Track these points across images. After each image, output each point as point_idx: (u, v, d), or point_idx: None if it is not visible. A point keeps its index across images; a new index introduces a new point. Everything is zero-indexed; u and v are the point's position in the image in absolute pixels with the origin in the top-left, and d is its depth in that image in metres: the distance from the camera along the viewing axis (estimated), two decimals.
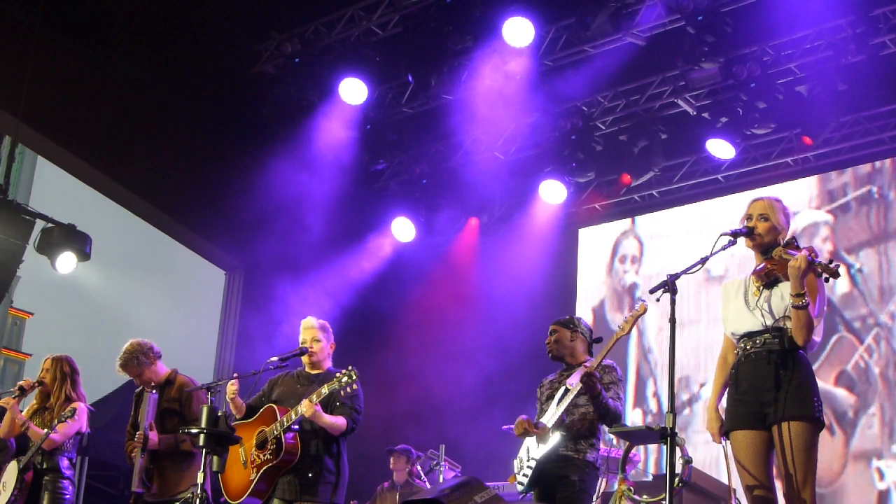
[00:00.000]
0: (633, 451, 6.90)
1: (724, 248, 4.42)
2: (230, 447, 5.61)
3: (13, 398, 6.54)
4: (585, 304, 11.23)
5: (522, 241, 10.96)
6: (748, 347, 4.40)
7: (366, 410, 5.94)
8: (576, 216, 11.30)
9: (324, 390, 5.58)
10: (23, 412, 6.62)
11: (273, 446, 5.68)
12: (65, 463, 6.56)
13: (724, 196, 10.38)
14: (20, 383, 6.67)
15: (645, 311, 5.43)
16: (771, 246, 4.46)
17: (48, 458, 6.51)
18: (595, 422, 5.57)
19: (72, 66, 9.62)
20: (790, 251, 4.34)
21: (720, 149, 9.61)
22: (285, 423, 5.65)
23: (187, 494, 5.99)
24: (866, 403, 9.21)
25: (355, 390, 5.74)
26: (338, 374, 5.58)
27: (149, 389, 6.23)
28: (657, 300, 4.42)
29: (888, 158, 9.68)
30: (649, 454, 10.18)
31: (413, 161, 10.86)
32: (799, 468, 4.17)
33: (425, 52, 9.23)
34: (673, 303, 4.34)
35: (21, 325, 42.35)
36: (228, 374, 8.84)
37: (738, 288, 4.53)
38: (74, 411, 6.47)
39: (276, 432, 5.67)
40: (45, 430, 6.40)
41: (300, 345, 5.97)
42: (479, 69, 9.36)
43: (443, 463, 8.88)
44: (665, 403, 10.19)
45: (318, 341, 5.95)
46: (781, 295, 4.35)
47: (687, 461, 6.23)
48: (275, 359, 5.86)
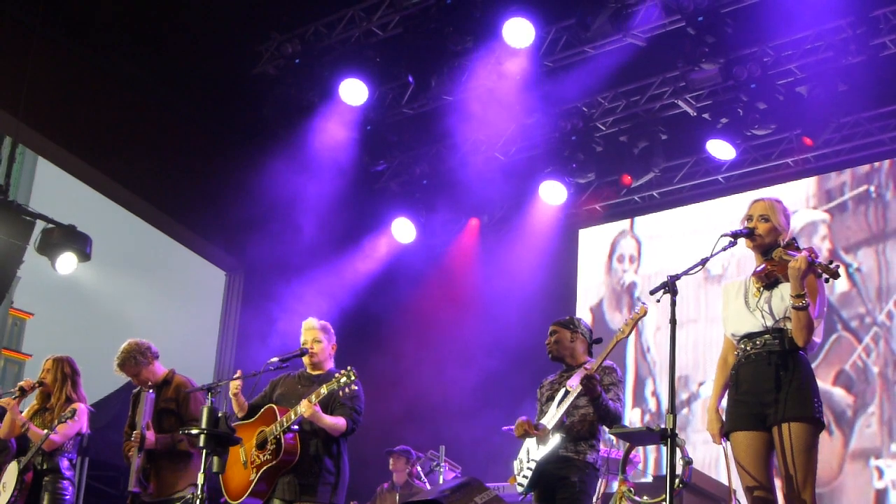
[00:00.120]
0: (632, 452, 6.89)
1: (724, 248, 4.41)
2: (230, 448, 5.61)
3: (13, 399, 6.53)
4: (585, 304, 11.23)
5: (522, 241, 10.96)
6: (748, 348, 4.40)
7: (366, 411, 5.94)
8: (576, 217, 11.29)
9: (323, 390, 5.58)
10: (23, 413, 6.61)
11: (273, 447, 5.68)
12: (65, 464, 6.55)
13: (724, 197, 10.38)
14: (21, 384, 6.66)
15: (645, 314, 5.42)
16: (771, 247, 4.46)
17: (48, 459, 6.50)
18: (595, 423, 5.57)
19: (72, 66, 9.63)
20: (790, 252, 4.34)
21: (720, 149, 9.61)
22: (285, 423, 5.65)
23: (185, 494, 5.99)
24: (865, 403, 9.22)
25: (355, 391, 5.73)
26: (336, 375, 5.58)
27: (146, 389, 6.22)
28: (657, 301, 4.42)
29: (888, 159, 9.67)
30: (649, 455, 10.17)
31: (413, 162, 10.87)
32: (799, 469, 4.16)
33: (425, 53, 9.23)
34: (673, 304, 4.34)
35: (21, 325, 42.40)
36: (228, 374, 8.82)
37: (739, 289, 4.53)
38: (75, 412, 6.46)
39: (275, 433, 5.67)
40: (46, 430, 6.39)
41: (301, 346, 5.97)
42: (479, 70, 9.37)
43: (443, 464, 8.87)
44: (664, 402, 10.19)
45: (318, 342, 5.95)
46: (781, 296, 4.34)
47: (687, 462, 6.21)
48: (275, 359, 5.85)
